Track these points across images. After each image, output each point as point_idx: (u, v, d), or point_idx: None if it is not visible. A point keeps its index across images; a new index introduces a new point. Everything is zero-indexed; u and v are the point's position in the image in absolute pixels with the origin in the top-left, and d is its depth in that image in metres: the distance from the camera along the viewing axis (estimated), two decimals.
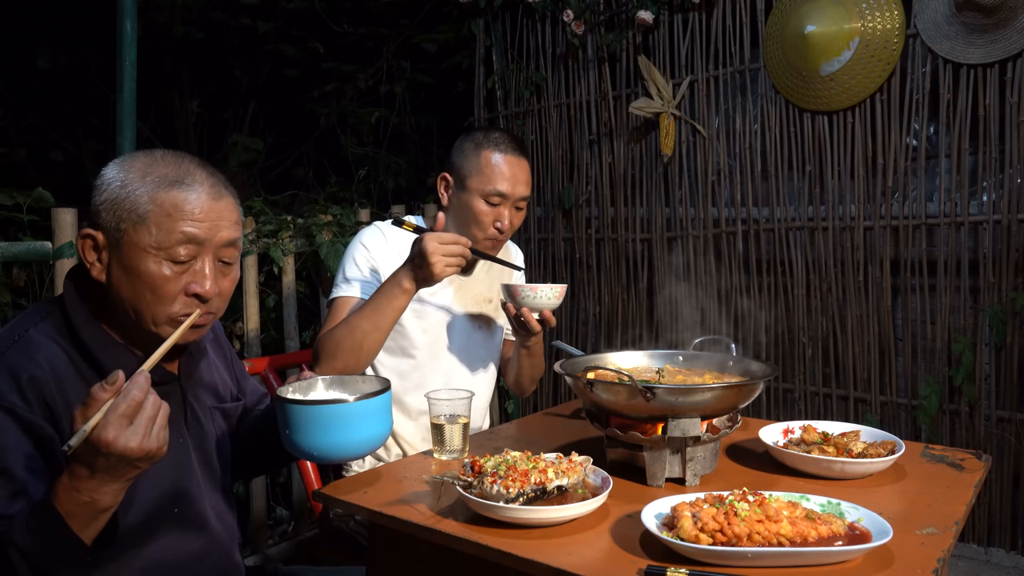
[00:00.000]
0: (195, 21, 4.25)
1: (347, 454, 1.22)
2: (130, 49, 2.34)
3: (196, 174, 1.18)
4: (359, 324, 1.70)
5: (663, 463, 1.35)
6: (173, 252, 1.13)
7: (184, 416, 1.28)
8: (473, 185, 1.84)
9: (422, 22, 4.30)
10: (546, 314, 1.79)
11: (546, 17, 3.56)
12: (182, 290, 1.15)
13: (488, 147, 1.84)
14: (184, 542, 1.24)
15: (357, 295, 1.84)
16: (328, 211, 2.99)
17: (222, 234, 1.18)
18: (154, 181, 1.14)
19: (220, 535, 1.31)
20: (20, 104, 4.13)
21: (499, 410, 3.54)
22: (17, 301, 2.37)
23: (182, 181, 1.15)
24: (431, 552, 1.24)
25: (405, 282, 1.68)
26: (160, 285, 1.14)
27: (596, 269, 3.55)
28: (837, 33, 2.72)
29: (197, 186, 1.16)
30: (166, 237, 1.13)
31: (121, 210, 1.13)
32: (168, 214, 1.13)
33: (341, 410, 1.17)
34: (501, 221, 1.85)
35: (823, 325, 2.96)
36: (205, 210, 1.16)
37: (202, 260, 1.17)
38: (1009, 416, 2.62)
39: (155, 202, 1.13)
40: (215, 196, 1.18)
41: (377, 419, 1.21)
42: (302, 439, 1.18)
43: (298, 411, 1.17)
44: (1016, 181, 2.55)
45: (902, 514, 1.21)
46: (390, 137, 4.43)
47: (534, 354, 2.00)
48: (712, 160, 3.15)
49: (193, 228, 1.14)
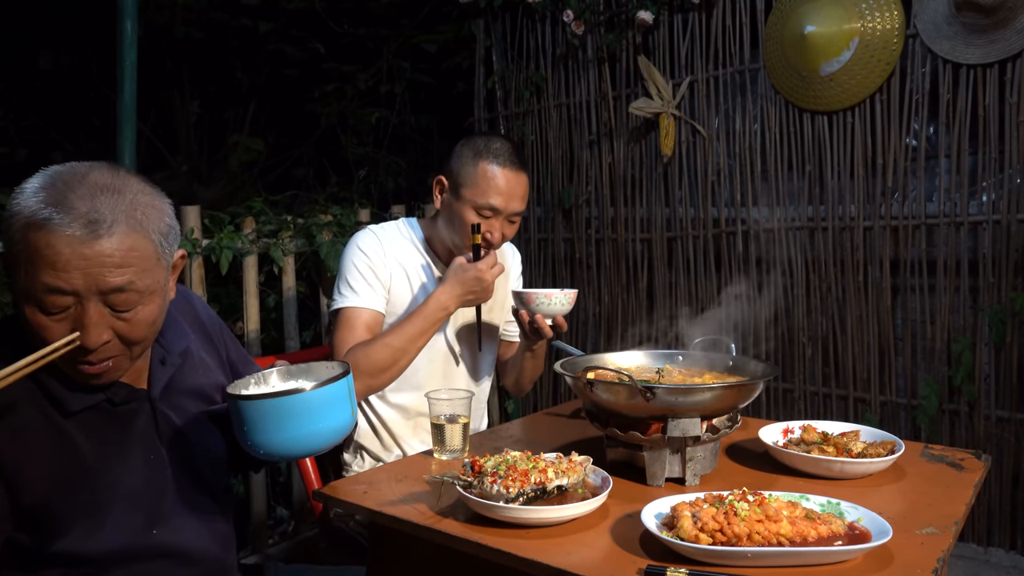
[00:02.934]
0: (195, 21, 4.25)
1: (312, 446, 1.12)
2: (130, 49, 2.34)
3: (74, 206, 0.98)
4: (404, 345, 1.75)
5: (663, 463, 1.36)
6: (41, 302, 1.00)
7: (156, 431, 1.21)
8: (467, 195, 1.82)
9: (422, 22, 4.30)
10: (559, 320, 1.81)
11: (546, 17, 3.56)
12: (60, 338, 1.01)
13: (487, 158, 1.82)
14: (166, 564, 1.19)
15: (364, 305, 1.84)
16: (328, 211, 3.00)
17: (105, 280, 1.00)
18: (28, 214, 0.99)
19: (206, 548, 1.26)
20: (21, 104, 4.13)
21: (499, 410, 3.54)
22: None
23: (50, 220, 0.97)
24: (431, 552, 1.24)
25: (453, 306, 1.78)
26: (38, 333, 1.02)
27: (596, 269, 3.55)
28: (837, 33, 2.72)
29: (66, 226, 0.97)
30: (31, 284, 0.99)
31: (15, 249, 1.00)
32: (31, 260, 0.98)
33: (298, 401, 1.06)
34: (491, 233, 1.83)
35: (823, 325, 2.96)
36: (71, 257, 0.97)
37: (81, 307, 1.02)
38: (1008, 416, 2.62)
39: (24, 243, 0.99)
40: (91, 236, 0.98)
41: (339, 405, 1.11)
42: (258, 437, 1.07)
43: (251, 407, 1.06)
44: (1016, 181, 2.55)
45: (902, 514, 1.22)
46: (390, 137, 4.43)
47: (538, 356, 2.01)
48: (712, 160, 3.15)
49: (55, 280, 0.98)
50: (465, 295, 1.76)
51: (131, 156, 2.40)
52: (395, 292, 1.89)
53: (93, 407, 1.13)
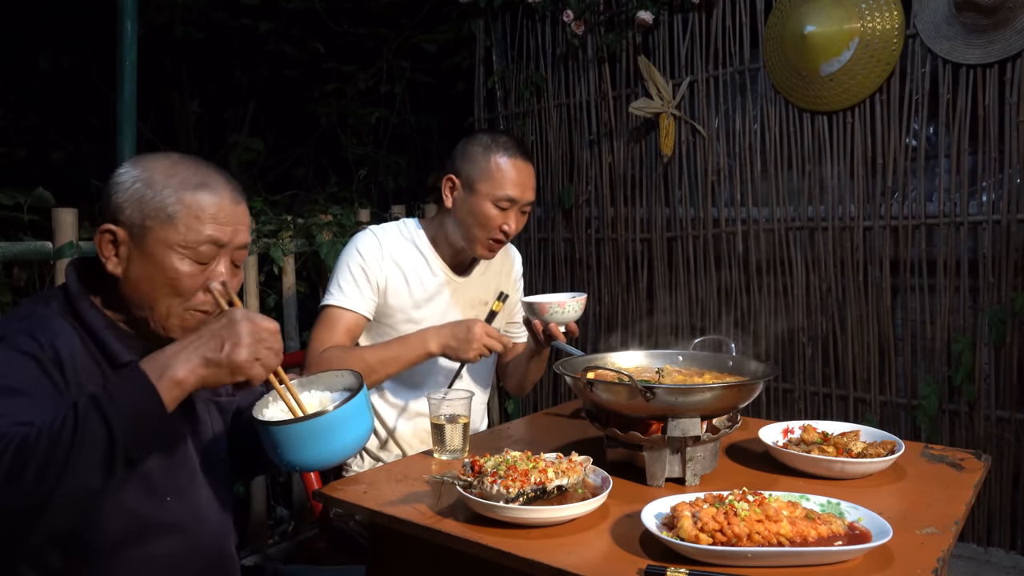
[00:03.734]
0: (195, 21, 4.25)
1: (339, 457, 1.21)
2: (130, 49, 2.34)
3: (218, 178, 1.24)
4: (378, 369, 1.76)
5: (663, 463, 1.36)
6: (198, 252, 1.19)
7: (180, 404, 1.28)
8: (483, 189, 1.84)
9: (422, 22, 4.30)
10: (571, 326, 1.82)
11: (546, 17, 3.56)
12: (200, 287, 1.20)
13: (498, 151, 1.86)
14: (175, 532, 1.23)
15: (349, 308, 1.85)
16: (328, 211, 2.99)
17: (239, 237, 1.24)
18: (179, 182, 1.19)
19: (213, 527, 1.30)
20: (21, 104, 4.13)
21: (499, 410, 3.54)
22: (17, 301, 2.37)
23: (207, 184, 1.21)
24: (431, 552, 1.24)
25: (433, 347, 1.76)
26: (181, 280, 1.18)
27: (596, 269, 3.55)
28: (837, 33, 2.72)
29: (220, 190, 1.22)
30: (193, 237, 1.18)
31: (147, 208, 1.17)
32: (195, 215, 1.18)
33: (324, 422, 1.15)
34: (508, 225, 1.87)
35: (823, 325, 2.96)
36: (228, 214, 1.22)
37: (219, 260, 1.22)
38: (1009, 416, 2.62)
39: (182, 203, 1.18)
40: (235, 201, 1.24)
41: (360, 418, 1.20)
42: (292, 456, 1.17)
43: (282, 432, 1.16)
44: (1015, 181, 2.55)
45: (902, 514, 1.22)
46: (390, 137, 4.43)
47: (543, 359, 2.03)
48: (712, 160, 3.15)
49: (217, 231, 1.20)
50: (449, 340, 1.74)
51: (131, 156, 2.40)
52: (392, 293, 1.89)
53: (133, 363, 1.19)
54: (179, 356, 1.04)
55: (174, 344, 1.06)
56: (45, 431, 0.95)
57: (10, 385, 1.04)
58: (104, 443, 0.97)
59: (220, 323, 1.07)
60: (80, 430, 0.95)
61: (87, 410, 0.97)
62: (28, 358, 1.08)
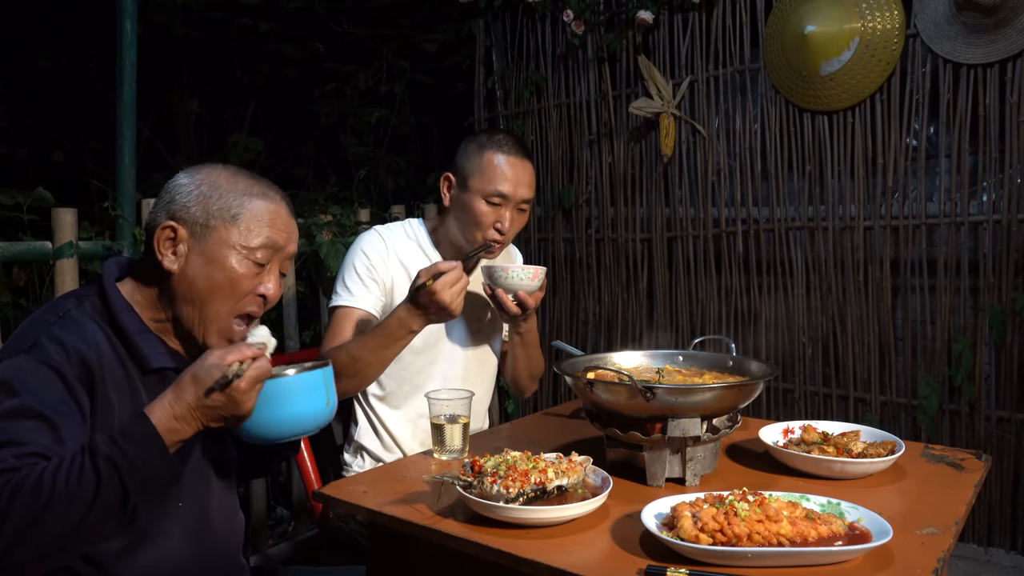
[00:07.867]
0: (195, 21, 4.24)
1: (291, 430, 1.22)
2: (130, 49, 2.34)
3: (276, 190, 1.32)
4: (363, 356, 1.71)
5: (663, 463, 1.35)
6: (256, 254, 1.25)
7: None
8: (475, 185, 1.84)
9: (422, 22, 4.30)
10: (522, 295, 1.76)
11: (546, 17, 3.56)
12: (252, 289, 1.27)
13: (491, 148, 1.85)
14: (186, 538, 1.24)
15: (357, 306, 1.84)
16: (328, 211, 2.99)
17: (291, 246, 1.32)
18: (243, 189, 1.27)
19: (224, 535, 1.31)
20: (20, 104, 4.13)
21: (499, 410, 3.54)
22: (17, 301, 2.37)
23: (267, 194, 1.29)
24: (431, 552, 1.24)
25: (415, 325, 1.68)
26: (238, 280, 1.24)
27: (596, 269, 3.55)
28: (837, 33, 2.72)
29: (279, 200, 1.30)
30: (254, 239, 1.25)
31: (212, 208, 1.23)
32: (257, 218, 1.26)
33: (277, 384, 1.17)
34: (502, 223, 1.84)
35: (823, 325, 2.96)
36: (284, 221, 1.30)
37: (272, 266, 1.29)
38: (1009, 416, 2.62)
39: (247, 207, 1.25)
40: (290, 212, 1.33)
41: (315, 394, 1.22)
42: None
43: None
44: (1016, 181, 2.55)
45: (902, 514, 1.22)
46: (390, 137, 4.43)
47: (527, 343, 1.98)
48: (712, 160, 3.15)
49: (275, 235, 1.27)
50: (426, 314, 1.68)
51: (131, 156, 2.40)
52: (398, 293, 1.89)
53: (164, 370, 1.24)
54: (188, 420, 1.10)
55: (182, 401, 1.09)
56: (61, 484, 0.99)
57: (34, 407, 1.07)
58: (119, 505, 1.03)
59: (225, 399, 1.10)
60: (97, 492, 1.01)
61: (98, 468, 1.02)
62: (55, 375, 1.10)
